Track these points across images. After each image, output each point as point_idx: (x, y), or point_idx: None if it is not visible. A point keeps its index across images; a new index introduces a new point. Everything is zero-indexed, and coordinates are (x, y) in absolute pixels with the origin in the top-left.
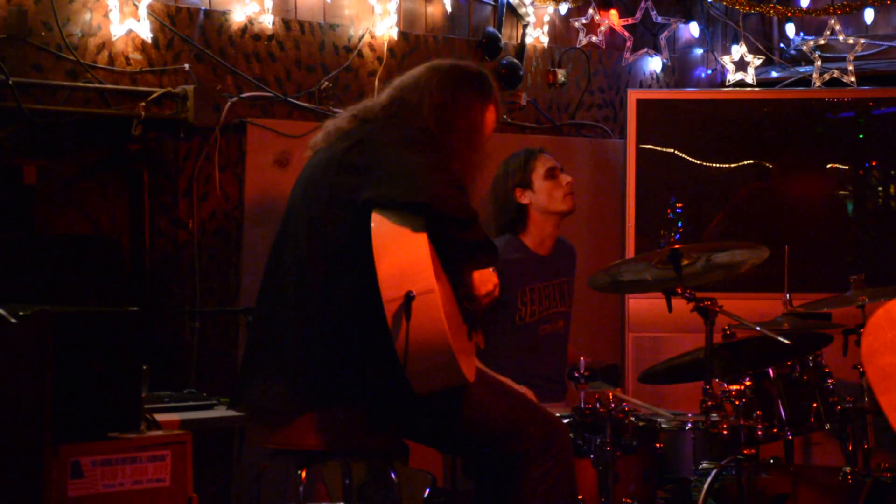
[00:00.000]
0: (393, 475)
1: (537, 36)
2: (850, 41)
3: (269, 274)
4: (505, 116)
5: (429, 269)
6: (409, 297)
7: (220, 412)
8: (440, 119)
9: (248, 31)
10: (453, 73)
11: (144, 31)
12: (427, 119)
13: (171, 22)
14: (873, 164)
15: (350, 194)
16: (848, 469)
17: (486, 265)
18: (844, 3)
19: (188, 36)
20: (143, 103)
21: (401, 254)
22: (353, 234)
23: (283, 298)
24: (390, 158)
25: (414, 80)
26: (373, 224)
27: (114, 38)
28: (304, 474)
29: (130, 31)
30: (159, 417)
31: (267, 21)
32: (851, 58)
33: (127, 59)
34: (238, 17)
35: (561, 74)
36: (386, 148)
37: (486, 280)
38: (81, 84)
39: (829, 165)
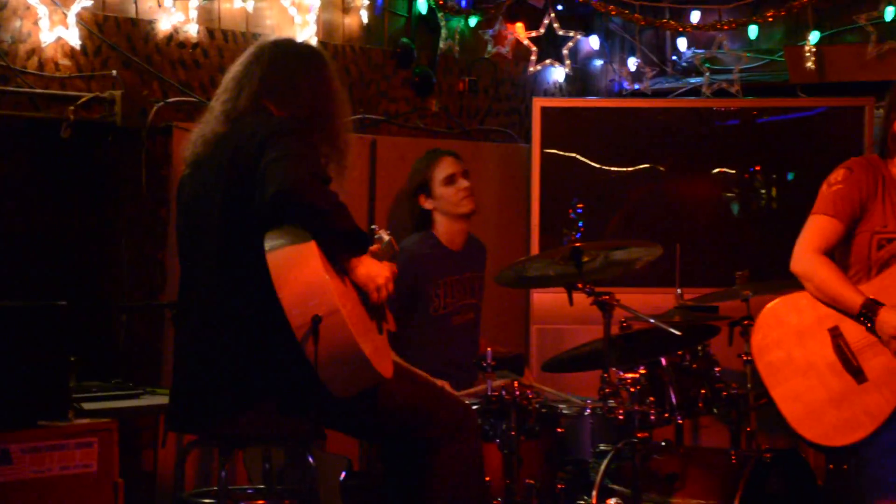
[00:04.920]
0: (311, 459)
1: (448, 47)
2: (736, 55)
3: (183, 291)
4: (418, 121)
5: (329, 288)
6: (315, 321)
7: (146, 401)
8: (321, 103)
9: (174, 40)
10: (312, 56)
11: (73, 38)
12: (310, 107)
13: (99, 30)
14: (757, 168)
15: (243, 211)
16: (733, 450)
17: (357, 253)
18: (731, 19)
19: (115, 43)
20: (72, 107)
21: (299, 279)
22: (256, 252)
23: (200, 313)
24: (259, 161)
25: (279, 69)
26: (267, 256)
27: (43, 45)
28: (225, 460)
29: (60, 38)
30: (88, 406)
31: (192, 30)
32: (737, 70)
33: (56, 64)
34: (164, 26)
35: (470, 83)
36: (257, 151)
37: (374, 275)
38: (12, 88)
39: (716, 169)
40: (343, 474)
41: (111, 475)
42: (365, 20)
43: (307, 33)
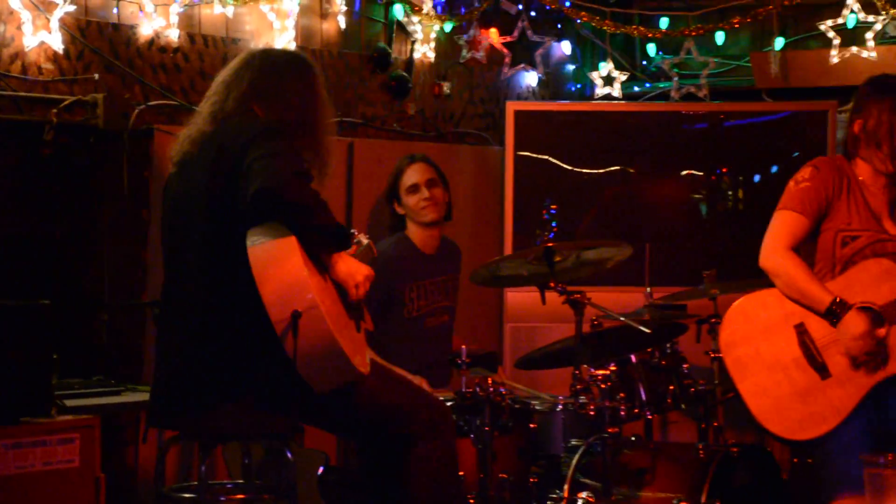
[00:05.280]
0: (289, 455)
1: (424, 51)
2: (704, 60)
3: (166, 288)
4: (395, 125)
5: (308, 285)
6: (295, 316)
7: (128, 397)
8: (307, 110)
9: (155, 44)
10: (301, 64)
11: (56, 42)
12: (296, 112)
13: (81, 34)
14: (724, 170)
15: (228, 209)
16: (700, 445)
17: (337, 249)
18: (699, 26)
19: (98, 48)
20: (55, 110)
21: (280, 275)
22: (239, 249)
23: (182, 309)
24: (243, 160)
25: (268, 74)
26: (249, 252)
27: (27, 49)
28: (205, 455)
29: (43, 42)
30: (70, 403)
31: (173, 35)
32: (705, 75)
33: (39, 68)
34: (145, 31)
35: (446, 87)
36: (241, 151)
37: (353, 273)
38: None
39: (685, 171)
40: (321, 469)
41: (93, 470)
42: (342, 25)
43: (286, 38)
